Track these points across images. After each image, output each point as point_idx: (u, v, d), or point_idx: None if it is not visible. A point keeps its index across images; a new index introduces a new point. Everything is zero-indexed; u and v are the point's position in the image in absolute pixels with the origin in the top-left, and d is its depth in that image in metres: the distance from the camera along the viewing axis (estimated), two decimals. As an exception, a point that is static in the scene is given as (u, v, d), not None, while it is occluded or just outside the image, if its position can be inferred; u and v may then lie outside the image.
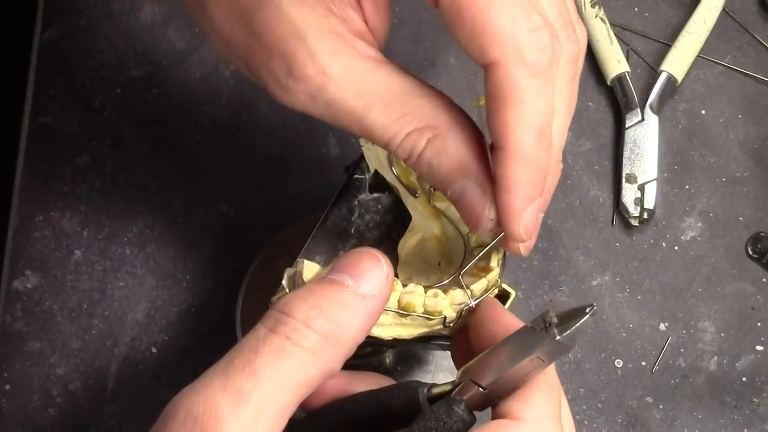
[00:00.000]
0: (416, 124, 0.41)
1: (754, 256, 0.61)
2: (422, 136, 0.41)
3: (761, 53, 0.69)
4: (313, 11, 0.41)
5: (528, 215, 0.42)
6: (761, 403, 0.60)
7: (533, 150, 0.41)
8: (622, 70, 0.66)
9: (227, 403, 0.36)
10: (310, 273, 0.41)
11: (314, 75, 0.41)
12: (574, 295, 0.62)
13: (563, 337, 0.37)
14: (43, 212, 0.62)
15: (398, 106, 0.42)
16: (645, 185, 0.64)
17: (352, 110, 0.42)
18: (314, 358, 0.37)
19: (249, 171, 0.64)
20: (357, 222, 0.49)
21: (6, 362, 0.59)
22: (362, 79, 0.41)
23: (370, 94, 0.41)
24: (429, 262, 0.48)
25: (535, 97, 0.40)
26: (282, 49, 0.41)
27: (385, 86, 0.42)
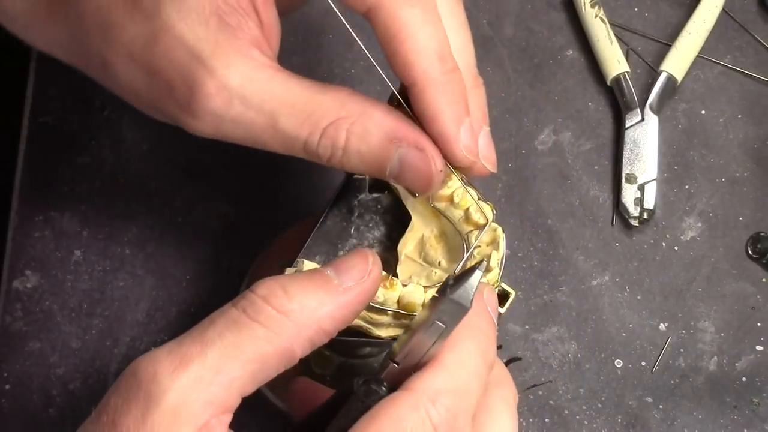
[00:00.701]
0: (328, 119, 0.42)
1: (754, 256, 0.61)
2: (339, 129, 0.42)
3: (761, 53, 0.69)
4: (206, 27, 0.41)
5: (464, 135, 0.43)
6: (761, 403, 0.60)
7: (440, 74, 0.42)
8: (622, 70, 0.66)
9: (168, 363, 0.36)
10: None
11: (216, 92, 0.41)
12: (574, 295, 0.62)
13: (455, 295, 0.36)
14: (43, 212, 0.62)
15: (303, 106, 0.42)
16: (645, 185, 0.64)
17: (260, 121, 0.42)
18: (268, 334, 0.37)
19: (249, 171, 0.64)
20: (357, 222, 0.49)
21: (6, 362, 0.59)
22: (263, 87, 0.41)
23: (273, 99, 0.41)
24: (429, 262, 0.48)
25: (422, 26, 0.41)
26: (182, 76, 0.41)
27: (286, 90, 0.42)
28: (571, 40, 0.69)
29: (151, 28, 0.42)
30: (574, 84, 0.68)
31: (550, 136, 0.66)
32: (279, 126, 0.42)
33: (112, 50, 0.43)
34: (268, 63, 0.43)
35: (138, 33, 0.42)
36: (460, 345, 0.38)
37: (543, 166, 0.65)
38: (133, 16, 0.42)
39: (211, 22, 0.42)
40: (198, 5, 0.42)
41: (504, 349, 0.60)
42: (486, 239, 0.46)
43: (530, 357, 0.60)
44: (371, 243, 0.49)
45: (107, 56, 0.43)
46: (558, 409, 0.59)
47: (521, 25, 0.70)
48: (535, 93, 0.68)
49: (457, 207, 0.46)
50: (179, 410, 0.35)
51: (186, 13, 0.41)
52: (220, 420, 0.36)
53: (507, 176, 0.65)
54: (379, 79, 0.45)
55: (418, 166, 0.42)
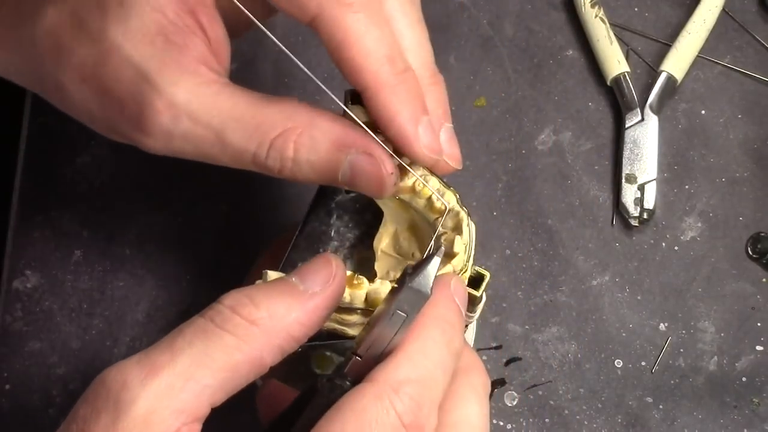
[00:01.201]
0: (275, 131, 0.42)
1: (754, 256, 0.61)
2: (288, 140, 0.42)
3: (761, 53, 0.69)
4: (152, 46, 0.42)
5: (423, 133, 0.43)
6: (761, 403, 0.60)
7: (391, 77, 0.42)
8: (622, 70, 0.66)
9: (138, 371, 0.35)
10: None
11: (164, 109, 0.41)
12: (574, 295, 0.62)
13: (414, 282, 0.36)
14: (43, 212, 0.62)
15: (250, 119, 0.42)
16: (645, 185, 0.64)
17: (208, 136, 0.42)
18: (238, 342, 0.37)
19: (249, 171, 0.64)
20: (336, 224, 0.49)
21: (6, 362, 0.59)
22: (209, 102, 0.42)
23: (221, 114, 0.42)
24: (404, 255, 0.48)
25: (367, 30, 0.42)
26: (131, 94, 0.42)
27: (233, 104, 0.42)
28: (571, 40, 0.69)
29: (98, 50, 0.42)
30: (574, 84, 0.68)
31: (550, 136, 0.66)
32: (227, 140, 0.42)
33: (63, 73, 0.44)
34: (214, 78, 0.43)
35: (86, 55, 0.43)
36: (423, 334, 0.38)
37: (543, 166, 0.65)
38: (81, 39, 0.43)
39: (157, 41, 0.42)
40: (143, 26, 0.42)
41: (504, 349, 0.60)
42: (450, 224, 0.46)
43: (530, 357, 0.60)
44: (352, 243, 0.49)
45: (60, 79, 0.44)
46: (558, 409, 0.59)
47: (521, 25, 0.70)
48: (535, 93, 0.68)
49: (420, 196, 0.46)
50: (150, 418, 0.35)
51: (132, 34, 0.42)
52: (191, 429, 0.36)
53: (507, 176, 0.65)
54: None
55: (369, 170, 0.43)
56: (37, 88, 0.47)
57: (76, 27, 0.43)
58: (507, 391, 0.59)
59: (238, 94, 0.43)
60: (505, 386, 0.60)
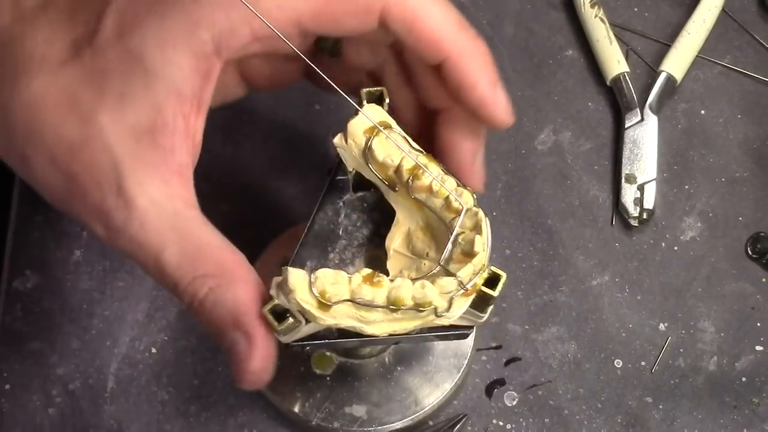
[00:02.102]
0: (203, 271, 0.42)
1: (754, 256, 0.61)
2: (205, 284, 0.42)
3: (761, 53, 0.69)
4: (137, 144, 0.42)
5: (501, 96, 0.46)
6: (761, 403, 0.60)
7: (469, 43, 0.46)
8: (622, 71, 0.66)
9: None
10: (296, 280, 0.41)
11: (122, 208, 0.41)
12: (573, 295, 0.62)
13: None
14: (42, 212, 0.62)
15: (192, 251, 0.42)
16: (644, 185, 0.64)
17: (150, 247, 0.42)
18: None
19: (249, 171, 0.64)
20: (344, 222, 0.49)
21: (6, 362, 0.59)
22: (165, 218, 0.42)
23: (170, 234, 0.42)
24: (418, 254, 0.48)
25: (432, 5, 0.45)
26: (98, 184, 0.41)
27: (187, 231, 0.42)
28: (570, 40, 0.69)
29: (81, 133, 0.42)
30: (573, 84, 0.68)
31: (550, 136, 0.66)
32: (162, 258, 0.42)
33: (33, 149, 0.42)
34: (183, 196, 0.43)
35: (65, 135, 0.42)
36: None
37: (543, 166, 0.65)
38: (66, 117, 0.42)
39: (144, 140, 0.42)
40: (136, 121, 0.41)
41: (504, 349, 0.60)
42: (469, 224, 0.46)
43: (530, 357, 0.60)
44: (360, 242, 0.49)
45: (27, 154, 0.43)
46: (558, 409, 0.59)
47: (521, 25, 0.70)
48: (535, 93, 0.68)
49: (437, 196, 0.46)
50: None
51: (122, 125, 0.41)
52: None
53: (507, 176, 0.65)
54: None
55: (241, 358, 0.43)
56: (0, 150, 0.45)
57: (65, 104, 0.42)
58: (507, 391, 0.59)
59: (193, 223, 0.43)
60: (504, 386, 0.60)
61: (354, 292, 0.42)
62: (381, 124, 0.46)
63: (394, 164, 0.46)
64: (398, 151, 0.46)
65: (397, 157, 0.46)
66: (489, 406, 0.59)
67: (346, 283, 0.42)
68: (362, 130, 0.46)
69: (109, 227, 0.42)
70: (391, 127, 0.46)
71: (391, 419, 0.56)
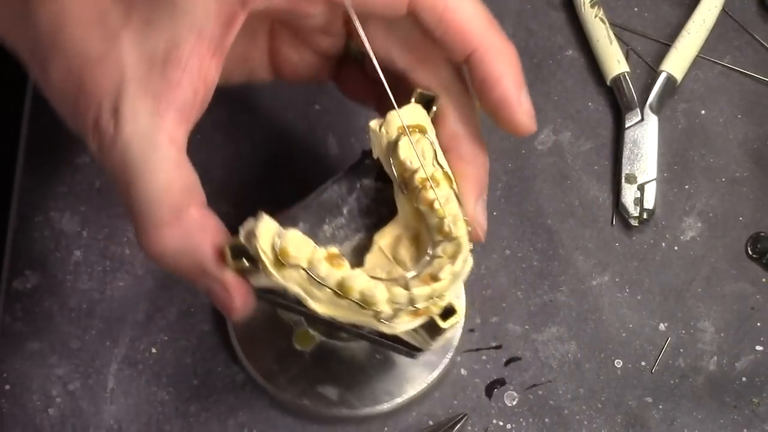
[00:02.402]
0: (167, 217, 0.43)
1: (754, 256, 0.61)
2: (169, 233, 0.43)
3: (761, 53, 0.69)
4: (149, 70, 0.42)
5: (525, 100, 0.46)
6: (761, 403, 0.60)
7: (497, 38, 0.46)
8: (622, 70, 0.66)
9: None
10: (264, 229, 0.42)
11: (108, 129, 0.42)
12: (573, 295, 0.62)
13: None
14: (42, 213, 0.62)
15: (158, 193, 0.42)
16: (644, 185, 0.64)
17: (123, 174, 0.42)
18: None
19: (249, 171, 0.64)
20: (352, 203, 0.49)
21: (6, 362, 0.59)
22: (144, 151, 0.42)
23: (144, 169, 0.42)
24: (397, 260, 0.48)
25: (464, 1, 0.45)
26: (100, 100, 0.42)
27: (160, 170, 0.42)
28: (570, 40, 0.69)
29: (101, 50, 0.42)
30: (573, 84, 0.68)
31: (550, 136, 0.66)
32: (130, 191, 0.42)
33: (55, 57, 0.43)
34: (170, 133, 0.43)
35: (87, 49, 0.43)
36: None
37: (543, 166, 0.65)
38: (92, 32, 0.43)
39: (155, 68, 0.42)
40: (154, 47, 0.42)
41: (504, 348, 0.60)
42: (449, 251, 0.46)
43: (530, 357, 0.60)
44: (358, 228, 0.49)
45: (48, 61, 0.44)
46: (558, 409, 0.59)
47: (521, 25, 0.70)
48: (535, 93, 0.67)
49: (435, 215, 0.46)
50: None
51: (139, 49, 0.42)
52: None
53: (507, 176, 0.65)
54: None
55: (218, 298, 0.44)
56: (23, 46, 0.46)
57: (94, 20, 0.43)
58: (507, 391, 0.59)
59: (168, 163, 0.42)
60: (504, 386, 0.60)
61: (311, 264, 0.42)
62: (417, 126, 0.46)
63: (412, 168, 0.46)
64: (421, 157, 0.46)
65: (417, 162, 0.46)
66: (489, 406, 0.59)
67: (308, 252, 0.43)
68: (398, 125, 0.46)
69: (100, 145, 0.42)
70: (425, 132, 0.46)
71: (361, 405, 0.56)
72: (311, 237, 0.44)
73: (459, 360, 0.60)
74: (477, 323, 0.61)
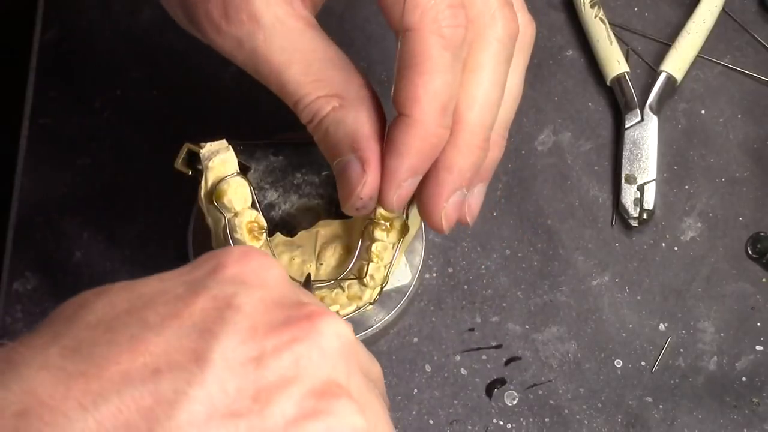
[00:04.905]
0: (327, 90, 0.43)
1: (754, 256, 0.61)
2: (328, 103, 0.43)
3: (761, 53, 0.69)
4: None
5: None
6: (761, 403, 0.60)
7: (433, 124, 0.42)
8: (622, 71, 0.66)
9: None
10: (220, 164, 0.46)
11: (246, 20, 0.43)
12: (574, 295, 0.62)
13: None
14: (43, 214, 0.62)
15: (316, 70, 0.43)
16: (644, 186, 0.64)
17: (273, 62, 0.43)
18: None
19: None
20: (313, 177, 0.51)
21: (6, 363, 0.59)
22: (290, 36, 0.43)
23: (295, 52, 0.43)
24: (319, 258, 0.50)
25: (444, 71, 0.42)
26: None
27: (310, 49, 0.43)
28: (571, 40, 0.69)
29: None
30: (573, 84, 0.68)
31: (550, 136, 0.66)
32: (286, 74, 0.43)
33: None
34: (304, 16, 0.44)
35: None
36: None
37: (543, 167, 0.65)
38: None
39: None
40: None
41: (504, 348, 0.61)
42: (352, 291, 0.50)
43: (530, 357, 0.60)
44: (324, 195, 0.50)
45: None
46: (558, 408, 0.59)
47: (521, 25, 0.70)
48: (535, 93, 0.68)
49: (371, 238, 0.48)
50: None
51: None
52: None
53: (507, 176, 0.65)
54: (377, 79, 0.45)
55: (351, 181, 0.44)
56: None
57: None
58: (507, 390, 0.59)
59: (317, 41, 0.44)
60: (505, 386, 0.60)
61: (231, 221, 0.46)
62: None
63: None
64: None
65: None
66: (489, 406, 0.59)
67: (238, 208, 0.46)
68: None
69: (231, 36, 0.43)
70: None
71: None
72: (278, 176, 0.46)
73: (459, 360, 0.60)
74: (477, 323, 0.61)
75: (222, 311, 0.33)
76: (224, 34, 0.43)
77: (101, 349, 0.32)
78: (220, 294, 0.34)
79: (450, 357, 0.60)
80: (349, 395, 0.33)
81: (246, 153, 0.50)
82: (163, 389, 0.31)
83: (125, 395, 0.31)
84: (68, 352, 0.32)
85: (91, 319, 0.34)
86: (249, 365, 0.32)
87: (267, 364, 0.32)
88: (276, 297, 0.35)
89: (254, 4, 0.43)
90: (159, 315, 0.33)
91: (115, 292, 0.35)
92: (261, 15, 0.43)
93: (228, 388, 0.31)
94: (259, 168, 0.51)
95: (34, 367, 0.31)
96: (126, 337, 0.32)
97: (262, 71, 0.44)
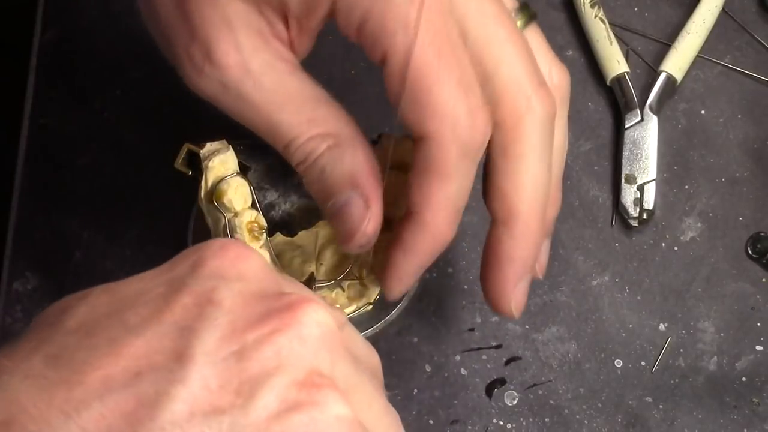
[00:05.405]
0: (321, 129, 0.43)
1: (754, 256, 0.61)
2: (323, 142, 0.43)
3: (761, 53, 0.69)
4: (245, 8, 0.42)
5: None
6: (761, 403, 0.60)
7: (444, 227, 0.43)
8: (622, 71, 0.66)
9: None
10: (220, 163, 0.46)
11: (234, 66, 0.42)
12: (574, 295, 0.62)
13: None
14: (43, 214, 0.62)
15: (309, 110, 0.43)
16: (644, 186, 0.64)
17: (262, 107, 0.43)
18: None
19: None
20: None
21: (7, 363, 0.59)
22: (280, 79, 0.43)
23: (285, 94, 0.43)
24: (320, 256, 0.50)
25: (461, 177, 0.42)
26: (207, 34, 0.42)
27: (299, 90, 0.43)
28: (570, 40, 0.69)
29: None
30: (573, 84, 0.67)
31: (550, 136, 0.66)
32: (277, 117, 0.43)
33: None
34: (289, 59, 0.44)
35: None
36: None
37: (543, 167, 0.65)
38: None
39: (251, 8, 0.42)
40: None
41: (504, 348, 0.61)
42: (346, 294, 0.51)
43: (530, 357, 0.60)
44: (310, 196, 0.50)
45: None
46: (558, 408, 0.59)
47: (521, 25, 0.70)
48: (535, 93, 0.68)
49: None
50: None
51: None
52: None
53: (507, 176, 0.65)
54: (377, 78, 0.45)
55: (354, 218, 0.43)
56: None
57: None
58: (507, 390, 0.59)
59: (306, 82, 0.43)
60: (505, 386, 0.60)
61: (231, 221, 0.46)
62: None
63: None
64: None
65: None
66: (489, 406, 0.59)
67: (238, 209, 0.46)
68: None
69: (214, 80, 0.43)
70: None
71: None
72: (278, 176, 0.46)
73: (459, 359, 0.60)
74: (477, 323, 0.61)
75: (202, 307, 0.34)
76: (206, 77, 0.43)
77: (82, 355, 0.32)
78: (200, 290, 0.34)
79: (450, 357, 0.60)
80: (332, 384, 0.33)
81: (246, 153, 0.50)
82: (144, 391, 0.31)
83: (108, 400, 0.31)
84: (51, 359, 0.32)
85: (72, 325, 0.34)
86: (230, 360, 0.32)
87: (249, 357, 0.32)
88: (256, 289, 0.35)
89: (243, 50, 0.42)
90: (139, 316, 0.34)
91: (96, 295, 0.35)
92: (249, 61, 0.42)
93: (210, 384, 0.32)
94: (259, 168, 0.51)
95: (18, 376, 0.31)
96: (107, 340, 0.32)
97: (249, 115, 0.43)
